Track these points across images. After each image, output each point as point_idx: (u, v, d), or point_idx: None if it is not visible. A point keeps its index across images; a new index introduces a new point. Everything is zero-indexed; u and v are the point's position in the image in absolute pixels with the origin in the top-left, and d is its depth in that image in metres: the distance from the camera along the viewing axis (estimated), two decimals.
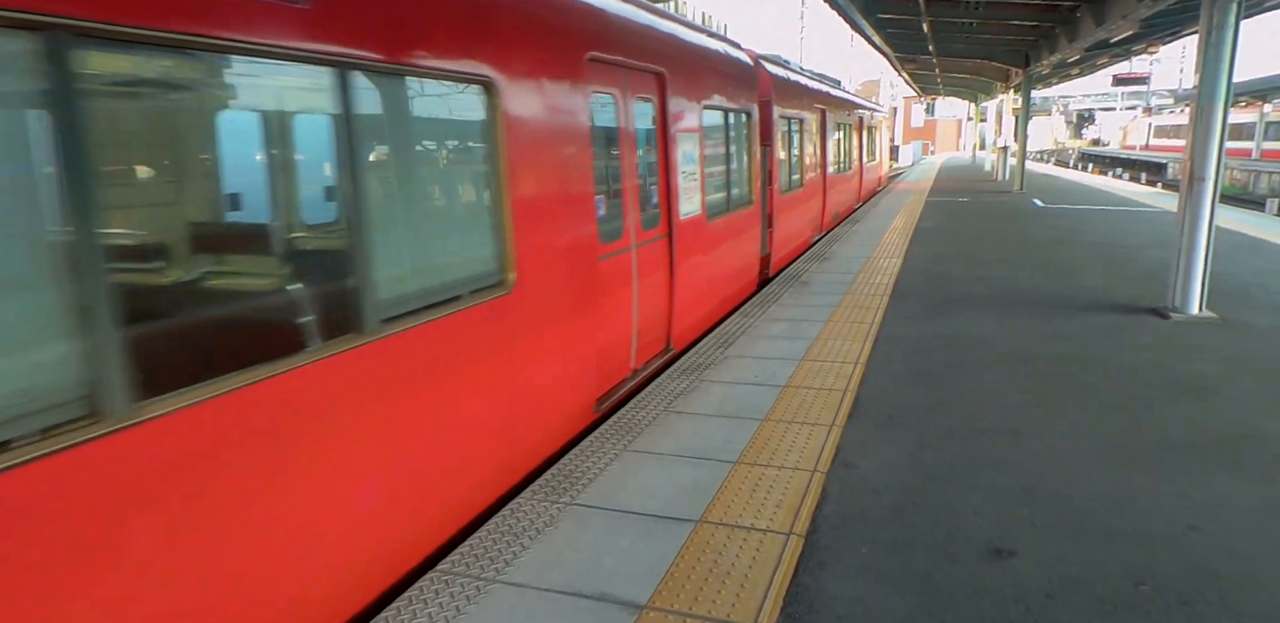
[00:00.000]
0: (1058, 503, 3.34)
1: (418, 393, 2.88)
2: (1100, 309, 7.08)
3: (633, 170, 4.99)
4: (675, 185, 5.60)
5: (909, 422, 4.36)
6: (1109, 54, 20.22)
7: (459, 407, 3.17)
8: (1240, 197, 28.39)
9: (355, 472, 2.59)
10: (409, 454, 2.86)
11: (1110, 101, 71.85)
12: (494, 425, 3.47)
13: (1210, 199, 6.66)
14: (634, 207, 4.99)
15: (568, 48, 4.08)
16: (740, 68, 7.64)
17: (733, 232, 7.29)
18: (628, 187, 4.91)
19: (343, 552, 2.58)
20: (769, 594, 2.70)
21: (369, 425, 2.63)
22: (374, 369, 2.63)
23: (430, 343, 2.94)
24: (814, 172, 12.24)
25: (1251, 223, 13.78)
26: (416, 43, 2.88)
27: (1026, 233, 12.72)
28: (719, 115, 6.94)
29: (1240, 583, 2.71)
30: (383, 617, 2.60)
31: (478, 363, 3.29)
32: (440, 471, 3.10)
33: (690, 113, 5.91)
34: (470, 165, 3.54)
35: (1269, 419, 4.27)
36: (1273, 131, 38.61)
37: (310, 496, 2.41)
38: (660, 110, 5.41)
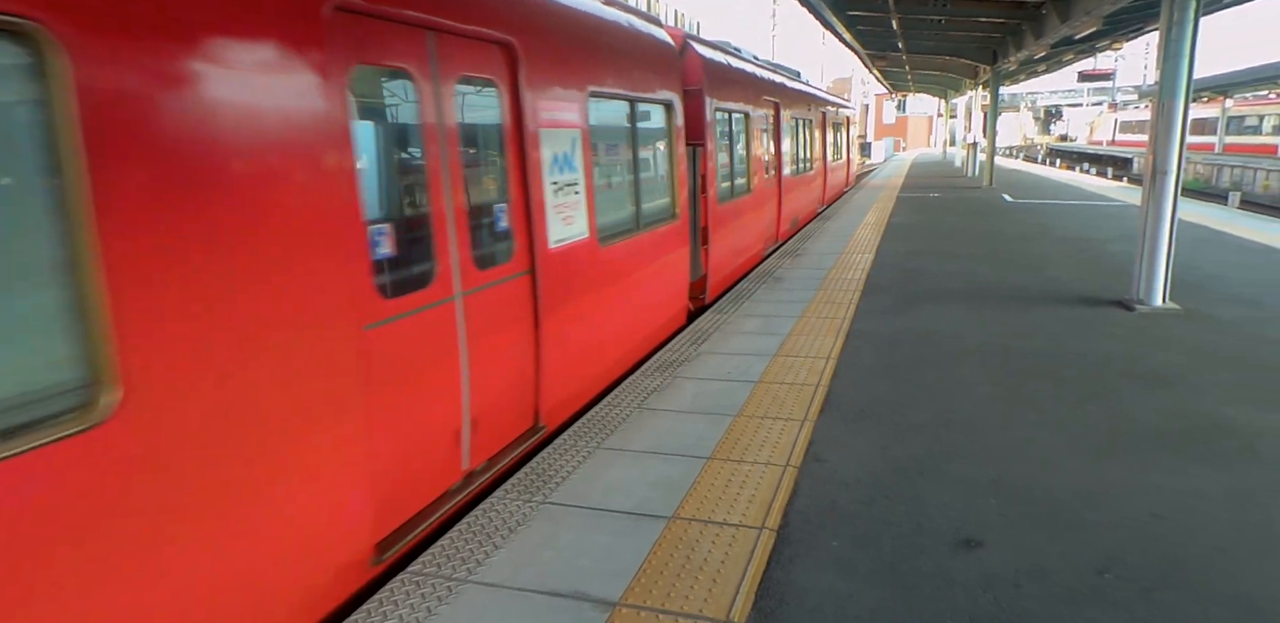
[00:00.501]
0: (1026, 494, 3.38)
1: None
2: (1067, 302, 7.20)
3: (455, 183, 3.37)
4: (539, 202, 4.08)
5: (880, 416, 4.40)
6: (1074, 51, 20.54)
7: None
8: (1204, 190, 29.01)
9: None
10: None
11: (1077, 98, 73.04)
12: None
13: (1172, 192, 6.79)
14: (458, 237, 3.39)
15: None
16: (655, 49, 6.10)
17: (645, 256, 5.75)
18: (443, 208, 3.30)
19: None
20: (741, 589, 2.71)
21: None
22: None
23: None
24: (765, 174, 10.54)
25: (1214, 216, 14.09)
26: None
27: (996, 228, 12.89)
28: (620, 107, 5.47)
29: (1201, 570, 2.77)
30: (352, 619, 2.57)
31: None
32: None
33: (566, 102, 4.41)
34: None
35: (1231, 409, 4.37)
36: (1234, 126, 39.53)
37: None
38: (511, 97, 3.84)
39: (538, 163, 4.08)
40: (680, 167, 6.60)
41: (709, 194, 7.57)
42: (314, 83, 2.56)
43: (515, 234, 3.95)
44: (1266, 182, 27.38)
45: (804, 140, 14.12)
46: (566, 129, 4.44)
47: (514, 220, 3.94)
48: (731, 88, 8.56)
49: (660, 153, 6.43)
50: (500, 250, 3.86)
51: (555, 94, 4.28)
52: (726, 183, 8.47)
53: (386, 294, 2.97)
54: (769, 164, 10.89)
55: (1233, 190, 23.30)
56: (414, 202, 3.31)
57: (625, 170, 5.64)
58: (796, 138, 13.25)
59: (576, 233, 4.56)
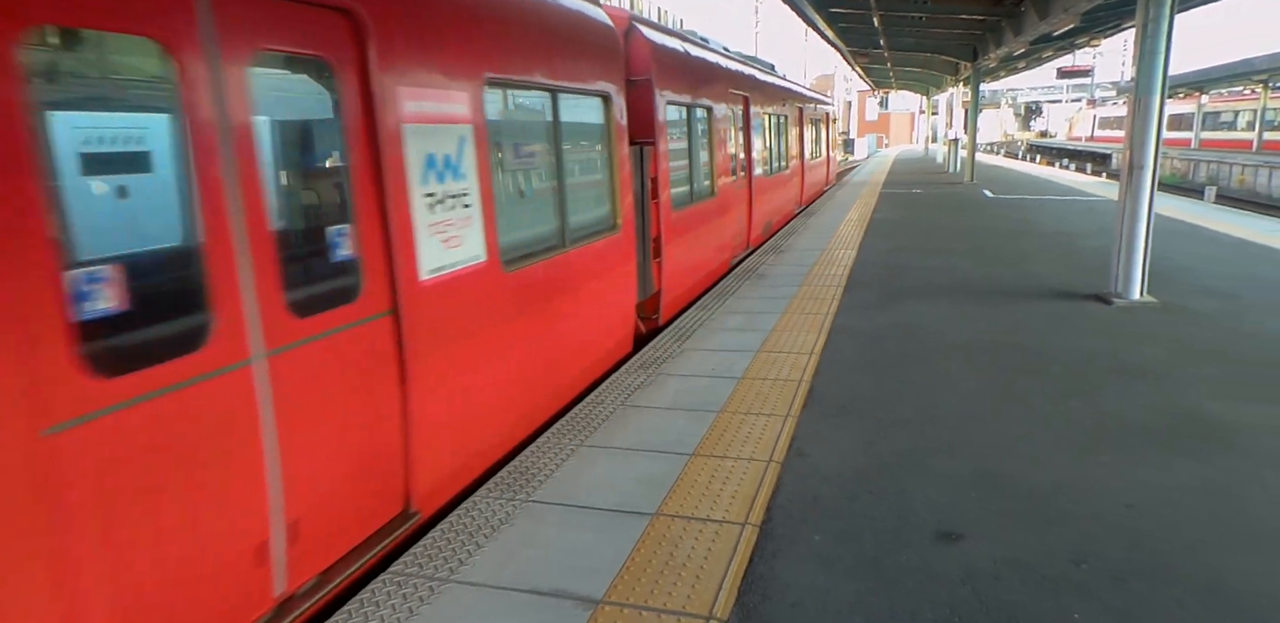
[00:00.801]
0: (1006, 487, 3.42)
1: None
2: (1047, 297, 7.27)
3: (250, 201, 2.41)
4: (404, 220, 3.13)
5: (862, 410, 4.43)
6: (1053, 47, 20.72)
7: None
8: (1181, 185, 29.38)
9: None
10: None
11: (1056, 94, 73.74)
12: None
13: (1149, 187, 6.87)
14: (256, 275, 2.45)
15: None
16: (588, 30, 5.14)
17: (574, 278, 4.86)
18: (226, 236, 2.34)
19: None
20: (724, 585, 2.71)
21: None
22: None
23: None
24: (732, 176, 9.48)
25: (1190, 210, 14.28)
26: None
27: (977, 223, 12.99)
28: (536, 99, 4.57)
29: (1175, 560, 2.81)
30: (333, 621, 2.56)
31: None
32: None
33: (448, 90, 3.44)
34: None
35: (1208, 401, 4.43)
36: (1209, 122, 40.04)
37: None
38: (356, 82, 2.90)
39: (400, 168, 3.09)
40: (622, 169, 5.64)
41: (660, 200, 6.62)
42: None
43: (365, 265, 2.97)
44: (1242, 176, 27.77)
45: (778, 138, 13.01)
46: (449, 125, 3.47)
47: (362, 246, 2.96)
48: (689, 79, 7.55)
49: (595, 153, 5.43)
50: (337, 288, 2.90)
51: (429, 80, 3.31)
52: (684, 187, 7.52)
53: (107, 371, 2.00)
54: (737, 164, 9.85)
55: (1209, 185, 23.62)
56: (171, 229, 2.41)
57: (546, 175, 4.71)
58: (769, 135, 12.20)
59: (467, 257, 3.58)
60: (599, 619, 2.53)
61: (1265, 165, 26.35)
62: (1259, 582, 2.65)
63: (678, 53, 7.33)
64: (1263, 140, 33.97)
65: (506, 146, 4.28)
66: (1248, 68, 30.65)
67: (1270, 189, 25.75)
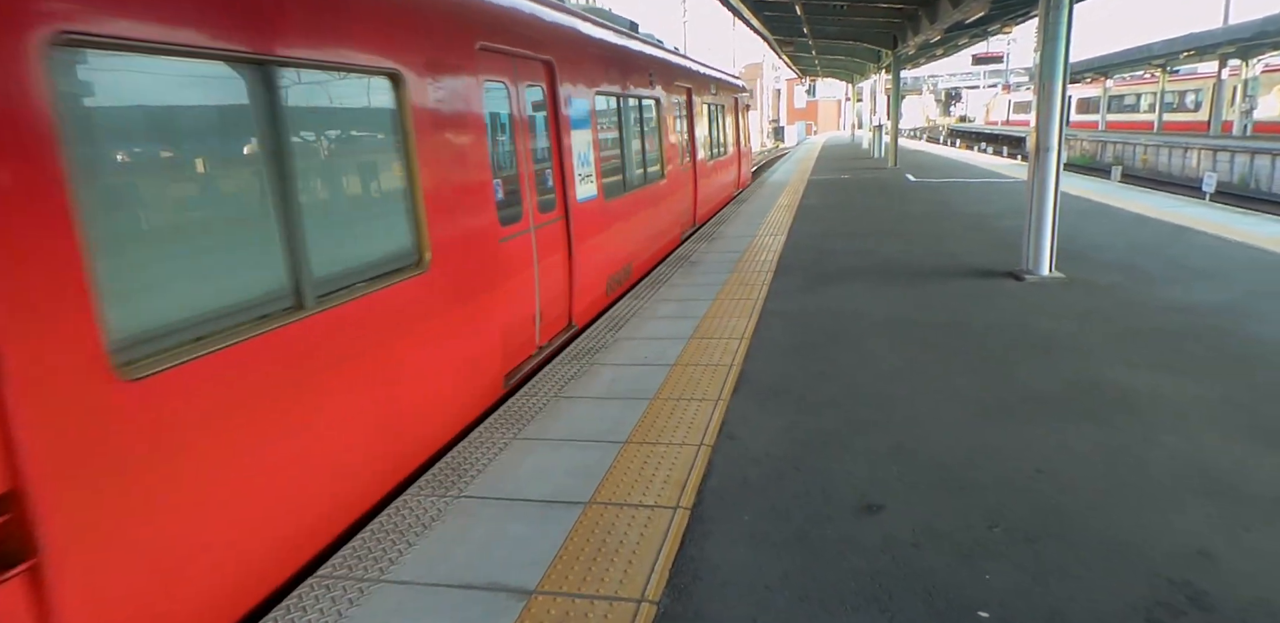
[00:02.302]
0: (924, 459, 3.56)
1: None
2: (964, 275, 7.56)
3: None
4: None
5: (790, 391, 4.54)
6: (968, 35, 21.43)
7: None
8: (1090, 166, 30.83)
9: None
10: None
11: (974, 80, 76.26)
12: None
13: (1055, 168, 7.19)
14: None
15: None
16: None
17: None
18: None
19: None
20: (655, 568, 2.76)
21: None
22: None
23: None
24: (536, 198, 5.44)
25: (1097, 189, 15.02)
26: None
27: (900, 206, 13.39)
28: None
29: (1079, 519, 2.98)
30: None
31: None
32: None
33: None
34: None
35: (1109, 369, 4.70)
36: (1114, 105, 42.09)
37: None
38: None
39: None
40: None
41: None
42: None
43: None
44: (1145, 156, 29.33)
45: (657, 134, 9.41)
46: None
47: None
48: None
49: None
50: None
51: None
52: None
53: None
54: (553, 180, 5.84)
55: (1115, 165, 24.87)
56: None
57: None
58: (646, 130, 8.90)
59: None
60: (532, 610, 2.54)
61: (1165, 145, 27.89)
62: (1154, 536, 2.84)
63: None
64: (1162, 121, 35.90)
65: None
66: (1147, 53, 32.32)
67: (1170, 167, 27.28)
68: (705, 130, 12.96)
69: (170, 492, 2.36)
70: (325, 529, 3.10)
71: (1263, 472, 3.30)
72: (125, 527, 2.21)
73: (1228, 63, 30.08)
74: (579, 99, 6.27)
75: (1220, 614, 2.38)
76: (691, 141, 11.73)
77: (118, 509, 2.19)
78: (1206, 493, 3.14)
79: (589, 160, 6.51)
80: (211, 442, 2.50)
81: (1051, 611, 2.43)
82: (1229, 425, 3.80)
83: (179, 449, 2.38)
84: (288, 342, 2.86)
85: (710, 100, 13.29)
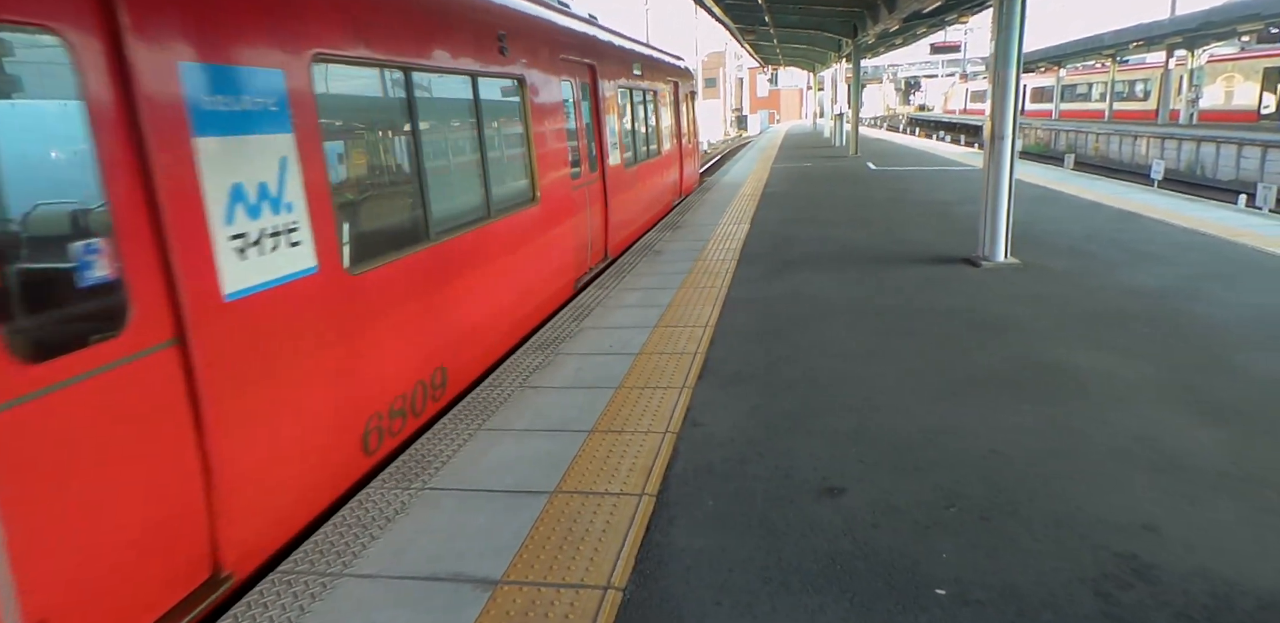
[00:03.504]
0: (883, 441, 3.63)
1: None
2: (923, 262, 7.69)
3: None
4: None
5: (754, 377, 4.58)
6: (926, 24, 21.65)
7: None
8: (1044, 154, 31.50)
9: None
10: None
11: (933, 69, 77.27)
12: None
13: (1010, 155, 7.33)
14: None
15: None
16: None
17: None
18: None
19: None
20: (621, 555, 2.78)
21: None
22: None
23: None
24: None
25: (1050, 177, 15.36)
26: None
27: (860, 195, 13.54)
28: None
29: (1031, 496, 3.07)
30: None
31: None
32: None
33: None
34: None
35: (1060, 350, 4.83)
36: (1068, 94, 42.98)
37: None
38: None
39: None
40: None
41: None
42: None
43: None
44: (1096, 144, 30.05)
45: (566, 134, 6.99)
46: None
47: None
48: None
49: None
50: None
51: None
52: None
53: None
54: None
55: (1068, 153, 25.44)
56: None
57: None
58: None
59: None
60: (498, 599, 2.55)
61: (1116, 133, 28.60)
62: (1103, 511, 2.93)
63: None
64: (1113, 110, 36.78)
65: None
66: (1098, 43, 33.03)
67: (1120, 155, 28.01)
68: (625, 124, 9.60)
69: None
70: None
71: (1204, 447, 3.44)
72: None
73: (1175, 53, 30.89)
74: None
75: (1163, 585, 2.48)
76: (599, 139, 8.24)
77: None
78: (1152, 468, 3.25)
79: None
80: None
81: (1005, 586, 2.51)
82: (1173, 403, 3.94)
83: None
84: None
85: (631, 85, 9.73)
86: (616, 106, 8.87)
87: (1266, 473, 3.18)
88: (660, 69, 12.08)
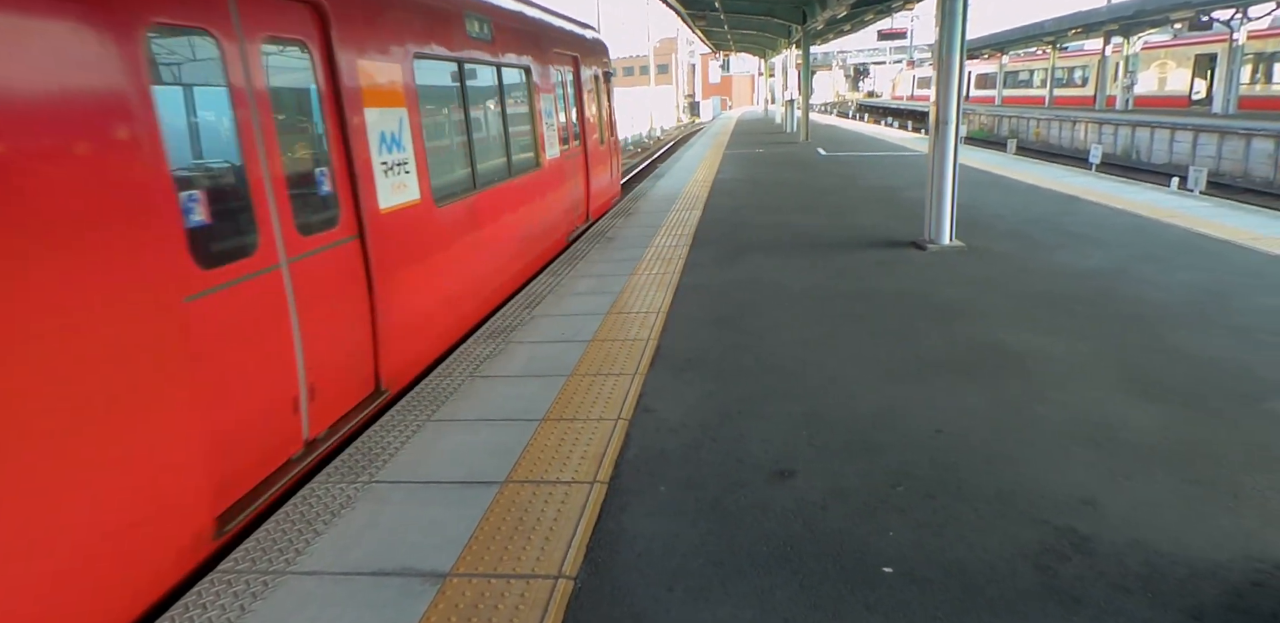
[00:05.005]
0: (833, 423, 3.67)
1: None
2: (871, 246, 7.79)
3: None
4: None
5: (706, 363, 4.58)
6: (874, 10, 21.87)
7: None
8: (988, 139, 32.22)
9: None
10: None
11: (881, 56, 78.21)
12: None
13: (953, 141, 7.45)
14: None
15: None
16: None
17: None
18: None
19: None
20: (573, 543, 2.75)
21: None
22: None
23: None
24: None
25: (994, 162, 15.71)
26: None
27: (810, 180, 13.66)
28: None
29: (974, 474, 3.14)
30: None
31: None
32: None
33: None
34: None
35: (1003, 331, 4.94)
36: (1010, 80, 43.96)
37: None
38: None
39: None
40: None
41: None
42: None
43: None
44: (1038, 130, 30.85)
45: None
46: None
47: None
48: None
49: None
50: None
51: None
52: None
53: None
54: None
55: (1010, 138, 26.06)
56: None
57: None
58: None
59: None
60: (447, 592, 2.50)
61: (1055, 119, 29.38)
62: (1043, 487, 3.01)
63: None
64: (1053, 96, 37.76)
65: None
66: (1039, 30, 33.81)
67: (1060, 140, 28.81)
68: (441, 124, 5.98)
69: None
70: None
71: (1140, 422, 3.55)
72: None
73: (1111, 40, 31.81)
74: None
75: (1100, 557, 2.56)
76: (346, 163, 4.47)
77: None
78: (1091, 444, 3.35)
79: None
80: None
81: (949, 562, 2.55)
82: (1110, 381, 4.06)
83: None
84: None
85: (483, 57, 6.17)
86: (405, 95, 4.74)
87: (1198, 447, 3.30)
88: (538, 36, 7.85)
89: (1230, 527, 2.69)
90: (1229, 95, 24.88)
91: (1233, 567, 2.47)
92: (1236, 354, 4.36)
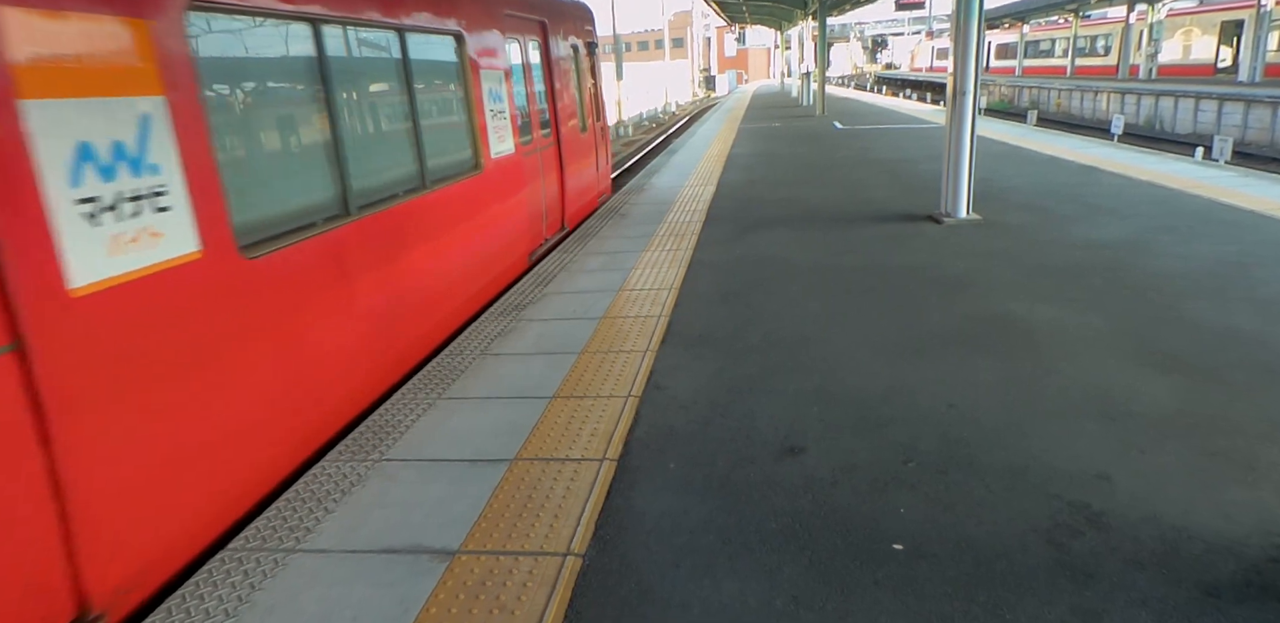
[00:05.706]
0: (843, 399, 3.64)
1: None
2: (887, 220, 7.68)
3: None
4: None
5: (717, 340, 4.55)
6: None
7: None
8: (1008, 110, 31.58)
9: None
10: None
11: (899, 27, 76.59)
12: None
13: (971, 111, 7.29)
14: None
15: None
16: None
17: None
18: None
19: None
20: (581, 521, 2.76)
21: None
22: None
23: None
24: None
25: (1013, 133, 15.40)
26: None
27: (827, 154, 13.47)
28: None
29: (986, 449, 3.10)
30: (165, 607, 2.40)
31: None
32: None
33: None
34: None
35: (1014, 304, 4.86)
36: (1031, 50, 42.94)
37: None
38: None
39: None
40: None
41: None
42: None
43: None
44: (1059, 100, 30.17)
45: None
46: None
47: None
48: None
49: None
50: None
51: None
52: None
53: None
54: None
55: (1031, 109, 25.52)
56: None
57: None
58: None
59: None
60: (455, 570, 2.51)
61: (1077, 89, 28.71)
62: (1057, 461, 2.97)
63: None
64: (1075, 66, 36.86)
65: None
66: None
67: (1082, 111, 28.18)
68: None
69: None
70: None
71: (1153, 395, 3.49)
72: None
73: (1135, 7, 30.91)
74: None
75: (1115, 532, 2.52)
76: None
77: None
78: (1104, 418, 3.30)
79: None
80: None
81: (960, 538, 2.53)
82: (1123, 353, 3.99)
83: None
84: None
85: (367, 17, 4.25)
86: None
87: (1213, 421, 3.24)
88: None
89: (1247, 501, 2.65)
90: (1256, 63, 24.15)
91: (1249, 542, 2.43)
92: (1256, 326, 4.26)
